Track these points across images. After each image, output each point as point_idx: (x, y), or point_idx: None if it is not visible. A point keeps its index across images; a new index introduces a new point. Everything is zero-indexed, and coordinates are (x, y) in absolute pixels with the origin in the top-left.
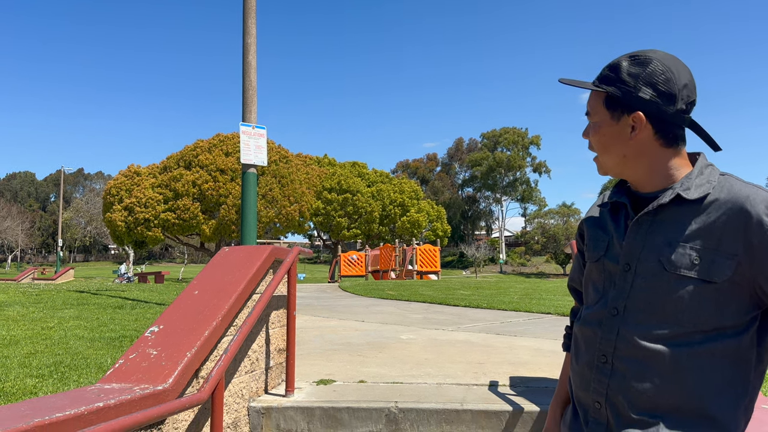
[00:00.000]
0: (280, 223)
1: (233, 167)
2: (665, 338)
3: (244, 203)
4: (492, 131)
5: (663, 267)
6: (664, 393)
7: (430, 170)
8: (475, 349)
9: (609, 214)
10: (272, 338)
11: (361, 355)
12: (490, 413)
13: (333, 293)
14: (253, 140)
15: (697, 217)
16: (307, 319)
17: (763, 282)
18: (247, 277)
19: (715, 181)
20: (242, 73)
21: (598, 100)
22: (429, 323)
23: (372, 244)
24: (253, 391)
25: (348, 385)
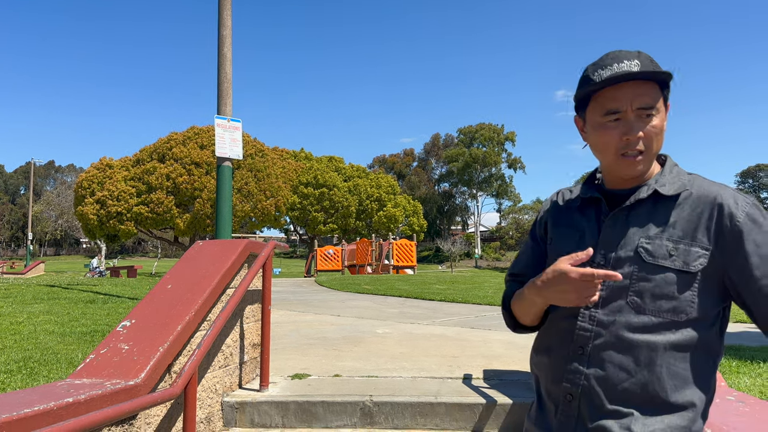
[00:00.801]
0: (256, 218)
1: (208, 160)
2: (643, 329)
3: (219, 197)
4: (468, 127)
5: (641, 258)
6: (639, 383)
7: (406, 165)
8: (449, 342)
9: (577, 209)
10: (247, 333)
11: (336, 349)
12: (464, 406)
13: (309, 288)
14: (228, 133)
15: (673, 212)
16: (283, 313)
17: (732, 273)
18: (221, 272)
19: (686, 179)
20: (217, 66)
21: (655, 92)
22: (404, 317)
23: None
24: (227, 386)
25: (323, 379)
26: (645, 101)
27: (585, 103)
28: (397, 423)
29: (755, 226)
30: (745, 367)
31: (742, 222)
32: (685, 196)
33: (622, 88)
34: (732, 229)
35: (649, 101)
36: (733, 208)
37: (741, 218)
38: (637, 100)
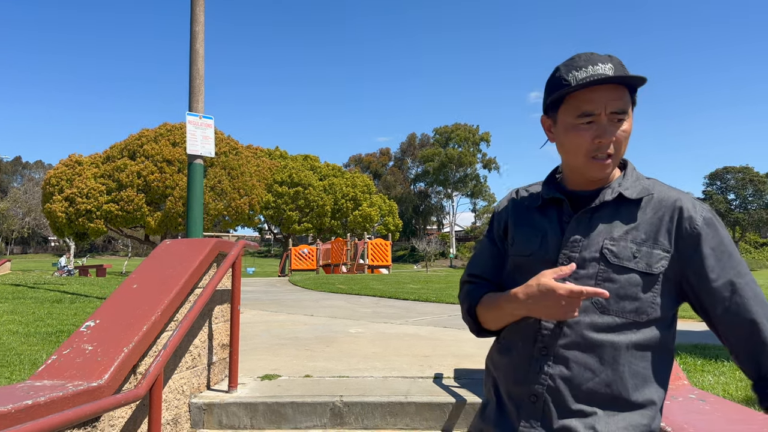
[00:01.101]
0: (230, 216)
1: (180, 158)
2: (607, 329)
3: (190, 195)
4: (444, 127)
5: (607, 259)
6: (603, 383)
7: (382, 165)
8: (422, 342)
9: (538, 210)
10: (215, 333)
11: (308, 349)
12: (434, 405)
13: (282, 287)
14: (200, 130)
15: (636, 215)
16: (255, 313)
17: (690, 275)
18: (189, 271)
19: (647, 183)
20: (189, 62)
21: (626, 97)
22: (378, 317)
23: (323, 238)
24: (195, 387)
25: (293, 379)
26: (619, 106)
27: (557, 104)
28: (367, 423)
29: (712, 230)
30: (709, 366)
31: (700, 226)
32: (647, 200)
33: (598, 92)
34: (691, 233)
35: (623, 106)
36: (692, 212)
37: (699, 222)
38: (611, 104)
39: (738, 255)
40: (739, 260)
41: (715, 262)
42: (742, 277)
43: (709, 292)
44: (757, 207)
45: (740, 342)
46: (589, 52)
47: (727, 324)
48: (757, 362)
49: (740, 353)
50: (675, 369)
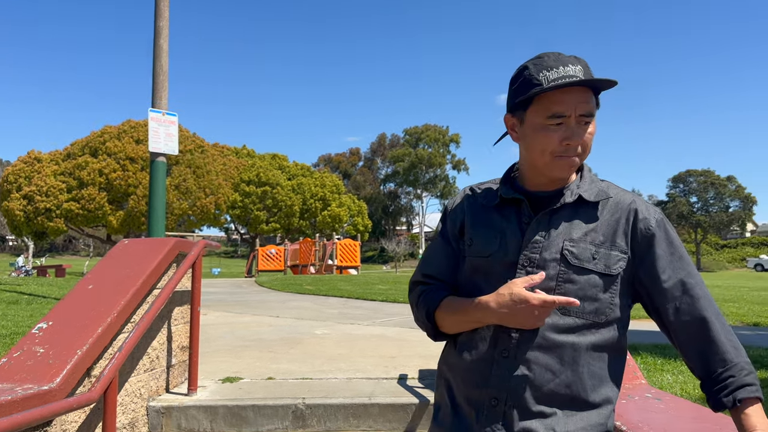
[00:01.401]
0: (195, 216)
1: (144, 156)
2: (567, 330)
3: (152, 194)
4: (414, 128)
5: (567, 260)
6: (563, 384)
7: (352, 165)
8: (388, 343)
9: (495, 209)
10: (175, 335)
11: (272, 351)
12: (397, 406)
13: (249, 288)
14: (163, 128)
15: (594, 216)
16: (219, 315)
17: (643, 275)
18: (147, 271)
19: (603, 185)
20: (153, 57)
21: (593, 97)
22: (345, 318)
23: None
24: (153, 390)
25: (256, 382)
26: (587, 109)
27: (525, 104)
28: (330, 425)
29: (664, 232)
30: (668, 365)
31: (654, 228)
32: (604, 202)
33: (569, 94)
34: (645, 234)
35: (591, 109)
36: (646, 214)
37: (653, 224)
38: (581, 107)
39: (687, 256)
40: (689, 261)
41: (667, 263)
42: (692, 277)
43: (661, 292)
44: (718, 209)
45: (690, 341)
46: (557, 53)
47: (678, 323)
48: (705, 361)
49: (689, 352)
50: (633, 368)
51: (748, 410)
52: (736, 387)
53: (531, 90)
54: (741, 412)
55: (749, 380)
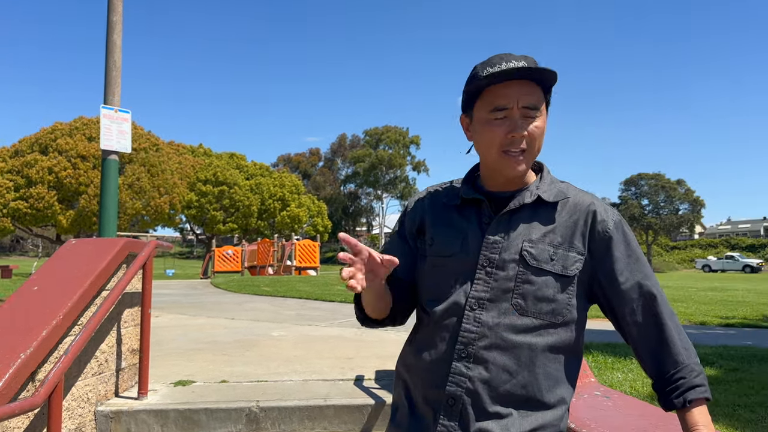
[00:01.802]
0: (149, 216)
1: (97, 154)
2: (525, 331)
3: (104, 193)
4: (374, 129)
5: (526, 261)
6: (519, 384)
7: (312, 165)
8: (346, 344)
9: (456, 209)
10: (125, 338)
11: (226, 354)
12: (353, 408)
13: (204, 290)
14: (115, 125)
15: (553, 218)
16: (172, 317)
17: (601, 276)
18: (95, 272)
19: (562, 186)
20: (105, 53)
21: (540, 94)
22: (302, 319)
23: (249, 238)
24: (102, 395)
25: (209, 385)
26: (531, 100)
27: (473, 101)
28: (284, 428)
29: (622, 234)
30: (618, 364)
31: (611, 229)
32: (563, 203)
33: (510, 86)
34: (603, 236)
35: (535, 101)
36: (604, 216)
37: (611, 226)
38: (523, 98)
39: (644, 258)
40: (646, 263)
41: (624, 266)
42: (648, 279)
43: (618, 294)
44: (668, 212)
45: (644, 342)
46: (507, 53)
47: (633, 324)
48: (657, 362)
49: (643, 353)
50: (583, 367)
51: (694, 410)
52: (687, 388)
53: (472, 85)
54: (687, 412)
55: (698, 381)
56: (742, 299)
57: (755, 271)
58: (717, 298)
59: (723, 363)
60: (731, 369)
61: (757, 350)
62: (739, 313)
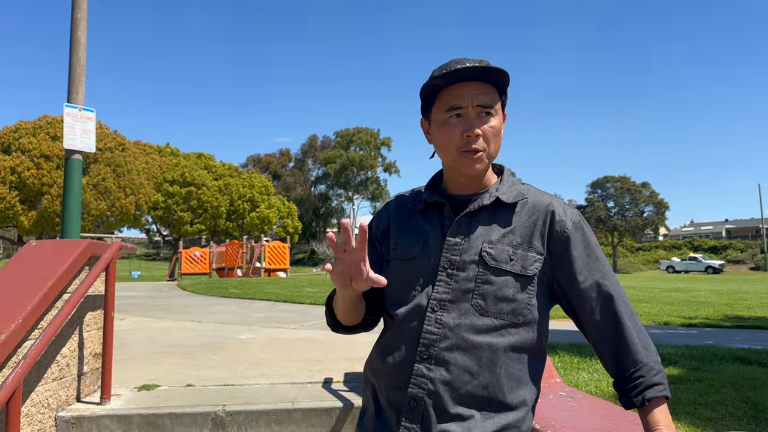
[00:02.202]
0: (114, 217)
1: (61, 153)
2: (486, 331)
3: (67, 193)
4: (345, 130)
5: (485, 262)
6: (481, 385)
7: (282, 166)
8: (315, 346)
9: (420, 213)
10: (87, 341)
11: (193, 357)
12: (321, 411)
13: (170, 292)
14: (79, 123)
15: (512, 218)
16: (137, 320)
17: (560, 276)
18: (56, 274)
19: (522, 188)
20: (69, 50)
21: (494, 94)
22: (271, 322)
23: (218, 240)
24: (63, 400)
25: (174, 389)
26: (484, 100)
27: (431, 105)
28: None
29: (580, 234)
30: (584, 364)
31: (570, 230)
32: (522, 204)
33: (465, 87)
34: (562, 236)
35: (488, 100)
36: (563, 216)
37: (569, 226)
38: (477, 98)
39: (604, 257)
40: (605, 263)
41: (583, 265)
42: (607, 278)
43: (578, 293)
44: (633, 214)
45: (603, 341)
46: (463, 57)
47: (593, 323)
48: (617, 360)
49: (603, 352)
50: (549, 367)
51: (654, 409)
52: (646, 387)
53: (427, 85)
54: (648, 411)
55: (657, 380)
56: (705, 300)
57: (717, 272)
58: (680, 299)
59: (685, 362)
60: (693, 368)
61: (717, 350)
62: (701, 314)
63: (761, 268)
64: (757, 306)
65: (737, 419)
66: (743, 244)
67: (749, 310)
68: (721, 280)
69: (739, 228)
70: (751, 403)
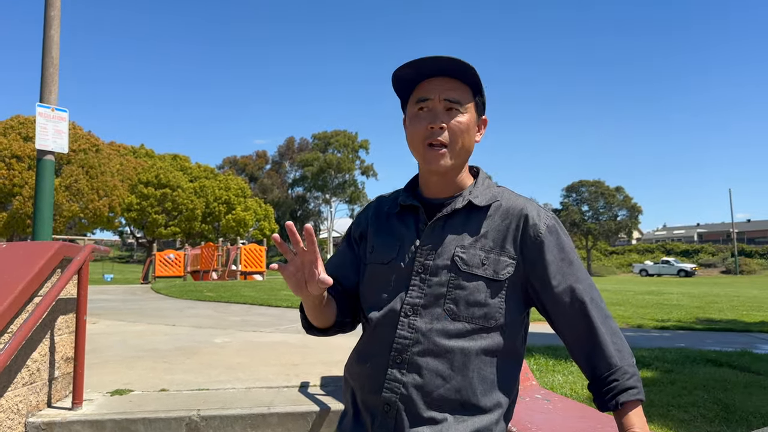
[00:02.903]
0: (87, 219)
1: (33, 154)
2: (458, 335)
3: (38, 194)
4: (323, 132)
5: (457, 266)
6: (453, 389)
7: (259, 168)
8: (292, 350)
9: (396, 217)
10: (58, 346)
11: (167, 361)
12: (297, 415)
13: (144, 295)
14: (51, 124)
15: (485, 222)
16: (110, 323)
17: (534, 280)
18: (26, 278)
19: (496, 191)
20: (42, 49)
21: (466, 92)
22: (247, 325)
23: (193, 242)
24: (33, 405)
25: (147, 394)
26: (452, 95)
27: (406, 100)
28: None
29: (554, 238)
30: (559, 366)
31: (543, 234)
32: (495, 207)
33: (434, 81)
34: (535, 240)
35: (456, 96)
36: (537, 220)
37: (543, 230)
38: (445, 92)
39: (578, 261)
40: (579, 266)
41: (556, 269)
42: (581, 282)
43: (551, 297)
44: (607, 218)
45: (578, 344)
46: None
47: (567, 327)
48: (591, 364)
49: (578, 355)
50: (525, 370)
51: (629, 412)
52: (620, 390)
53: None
54: (623, 414)
55: (631, 383)
56: (677, 303)
57: (689, 275)
58: (653, 302)
59: (658, 365)
60: (666, 370)
61: (690, 352)
62: (674, 316)
63: (732, 272)
64: (727, 309)
65: (709, 420)
66: (714, 247)
67: (720, 312)
68: (693, 283)
69: (710, 232)
70: (723, 404)
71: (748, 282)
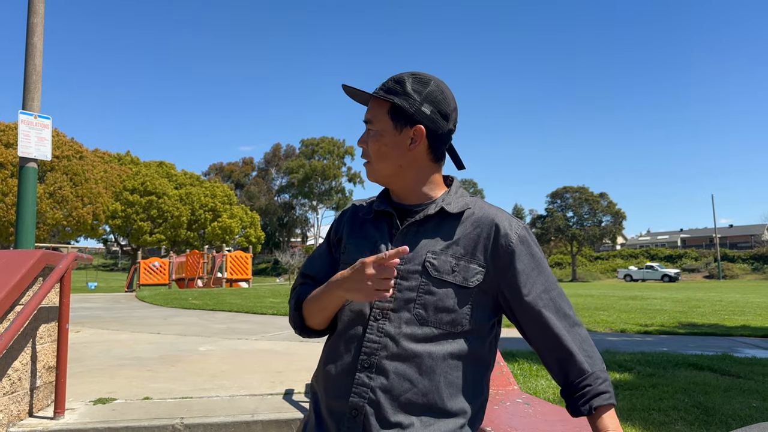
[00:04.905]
0: (71, 226)
1: (15, 161)
2: (425, 340)
3: (21, 202)
4: (310, 139)
5: (428, 272)
6: (420, 393)
7: (245, 175)
8: (276, 357)
9: (371, 222)
10: (40, 355)
11: (150, 370)
12: (281, 422)
13: (128, 304)
14: (34, 131)
15: (457, 229)
16: (94, 332)
17: (504, 289)
18: (8, 286)
19: (469, 200)
20: (25, 56)
21: (381, 109)
22: (232, 333)
23: (178, 250)
24: (14, 415)
25: (131, 403)
26: (367, 116)
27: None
28: None
29: (525, 247)
30: (543, 371)
31: (514, 243)
32: (467, 215)
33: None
34: (506, 249)
35: (369, 117)
36: (508, 230)
37: (514, 240)
38: (365, 115)
39: (548, 270)
40: (549, 275)
41: (527, 278)
42: (548, 292)
43: (521, 306)
44: (592, 224)
45: (548, 352)
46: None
47: (536, 335)
48: (563, 371)
49: (549, 362)
50: (507, 375)
51: (602, 415)
52: (592, 396)
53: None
54: (597, 417)
55: (603, 388)
56: (660, 307)
57: (673, 280)
58: (637, 307)
59: (640, 368)
60: (648, 374)
61: (671, 356)
62: (657, 321)
63: (714, 276)
64: (710, 313)
65: (689, 423)
66: (698, 253)
67: (703, 317)
68: (677, 288)
69: (693, 237)
70: (703, 407)
71: (731, 286)
